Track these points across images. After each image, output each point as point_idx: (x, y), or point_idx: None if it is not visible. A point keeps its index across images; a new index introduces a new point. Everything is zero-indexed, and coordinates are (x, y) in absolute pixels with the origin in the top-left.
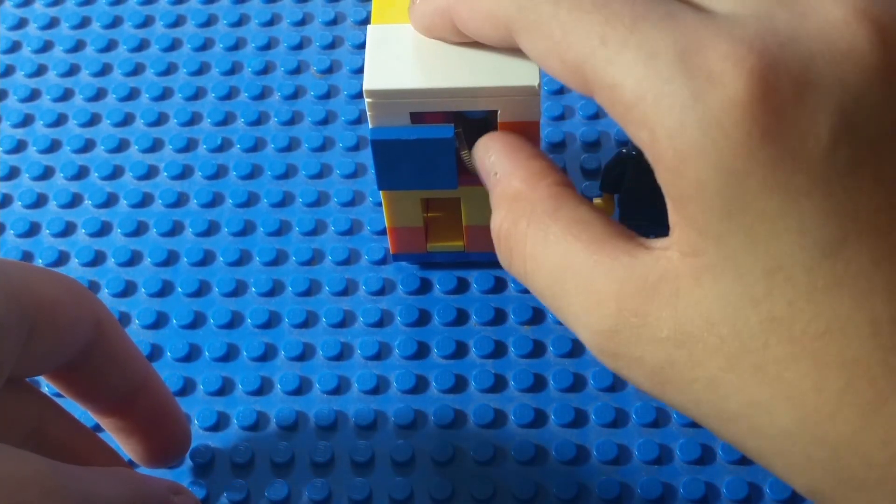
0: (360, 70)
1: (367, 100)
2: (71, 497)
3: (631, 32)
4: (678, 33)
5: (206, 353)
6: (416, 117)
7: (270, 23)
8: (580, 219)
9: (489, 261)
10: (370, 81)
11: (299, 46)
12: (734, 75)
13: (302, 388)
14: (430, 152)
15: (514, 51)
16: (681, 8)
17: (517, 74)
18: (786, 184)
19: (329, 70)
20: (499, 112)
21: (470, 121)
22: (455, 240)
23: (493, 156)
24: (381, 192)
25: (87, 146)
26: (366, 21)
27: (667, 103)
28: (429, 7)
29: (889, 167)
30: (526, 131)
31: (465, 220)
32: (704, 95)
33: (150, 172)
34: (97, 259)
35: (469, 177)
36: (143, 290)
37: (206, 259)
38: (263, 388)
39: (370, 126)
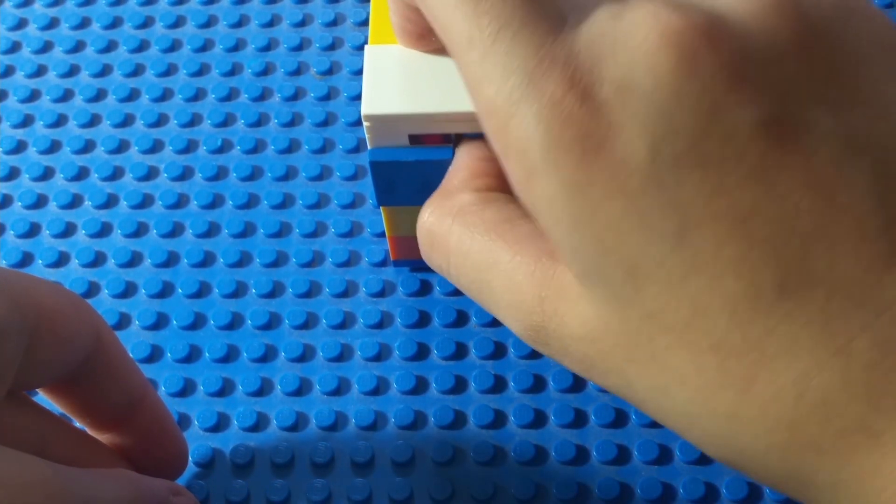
0: (360, 71)
1: (365, 123)
2: (73, 500)
3: (493, 42)
4: (530, 51)
5: (207, 355)
6: (415, 138)
7: (270, 24)
8: (507, 217)
9: None
10: (368, 105)
11: (299, 48)
12: (570, 98)
13: (302, 389)
14: (430, 172)
15: None
16: (539, 17)
17: None
18: (622, 188)
19: (329, 71)
20: None
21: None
22: None
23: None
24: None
25: (88, 147)
26: (366, 22)
27: (515, 123)
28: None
29: (714, 150)
30: None
31: None
32: (546, 116)
33: (151, 173)
34: (97, 260)
35: None
36: (143, 291)
37: (207, 260)
38: (264, 389)
39: (369, 147)
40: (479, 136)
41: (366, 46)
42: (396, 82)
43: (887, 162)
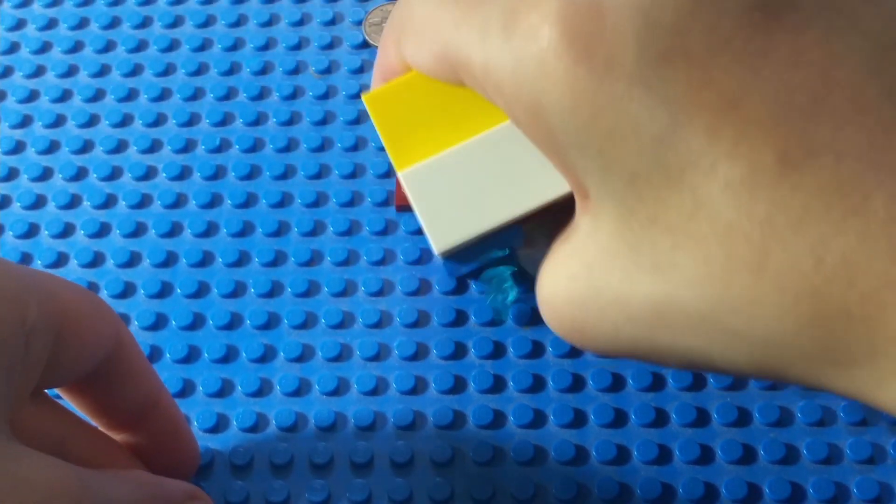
0: (358, 70)
1: (440, 258)
2: (92, 503)
3: (474, 11)
4: (502, 5)
5: (206, 355)
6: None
7: (269, 23)
8: None
9: None
10: (439, 243)
11: (298, 47)
12: (546, 28)
13: (301, 389)
14: (496, 244)
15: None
16: None
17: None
18: (611, 96)
19: (328, 70)
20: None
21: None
22: None
23: None
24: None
25: (86, 147)
26: (360, 23)
27: (504, 72)
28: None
29: (697, 42)
30: None
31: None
32: (527, 54)
33: (149, 173)
34: (96, 260)
35: None
36: (142, 291)
37: (205, 260)
38: (263, 390)
39: (440, 259)
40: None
41: (399, 174)
42: (447, 202)
43: (876, 38)
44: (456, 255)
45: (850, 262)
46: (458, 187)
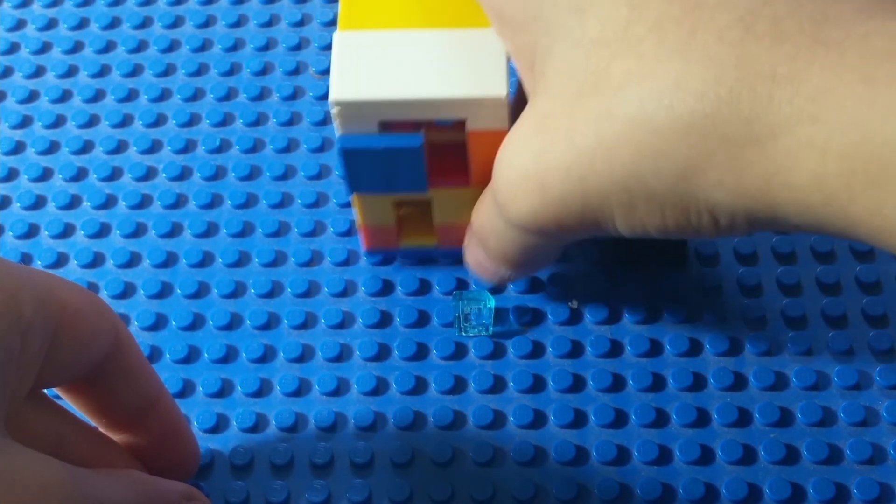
0: None
1: (333, 109)
2: (87, 502)
3: None
4: None
5: (206, 355)
6: (385, 125)
7: (269, 24)
8: None
9: (457, 255)
10: (337, 91)
11: (298, 47)
12: None
13: (301, 389)
14: (400, 160)
15: (482, 59)
16: None
17: (485, 84)
18: None
19: (328, 71)
20: (467, 121)
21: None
22: (427, 236)
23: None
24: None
25: (86, 147)
26: None
27: None
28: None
29: None
30: (494, 140)
31: (436, 219)
32: None
33: (149, 174)
34: (96, 261)
35: (439, 178)
36: (141, 291)
37: (205, 260)
38: (263, 390)
39: (337, 134)
40: (449, 124)
41: (335, 32)
42: (366, 68)
43: None
44: (358, 154)
45: (779, 25)
46: (378, 62)
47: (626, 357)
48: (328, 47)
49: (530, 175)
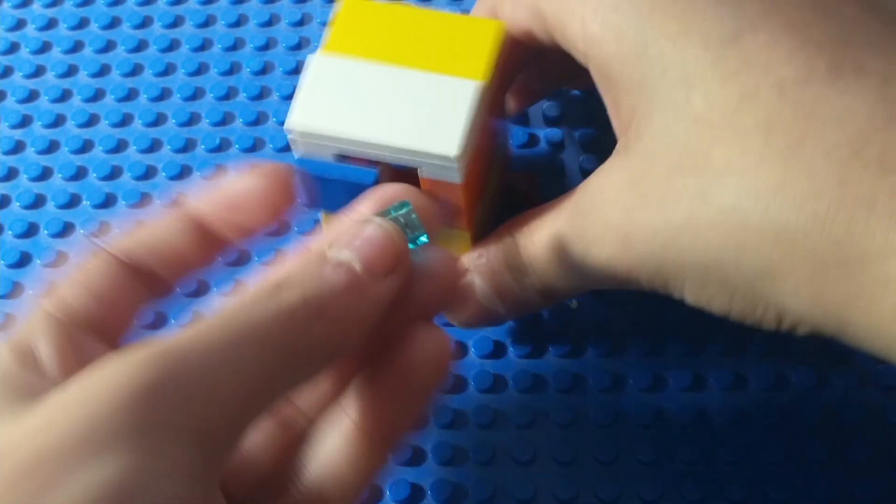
0: None
1: (288, 136)
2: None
3: None
4: None
5: None
6: (341, 156)
7: (269, 23)
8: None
9: None
10: (295, 119)
11: (297, 47)
12: None
13: None
14: (354, 191)
15: (446, 111)
16: None
17: (439, 140)
18: (684, 9)
19: None
20: (419, 170)
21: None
22: None
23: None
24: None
25: (86, 147)
26: None
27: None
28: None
29: None
30: (448, 189)
31: None
32: None
33: (149, 173)
34: None
35: None
36: None
37: None
38: None
39: (295, 156)
40: (401, 167)
41: (312, 54)
42: (331, 98)
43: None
44: (313, 179)
45: (887, 155)
46: (344, 94)
47: (627, 355)
48: None
49: (617, 226)
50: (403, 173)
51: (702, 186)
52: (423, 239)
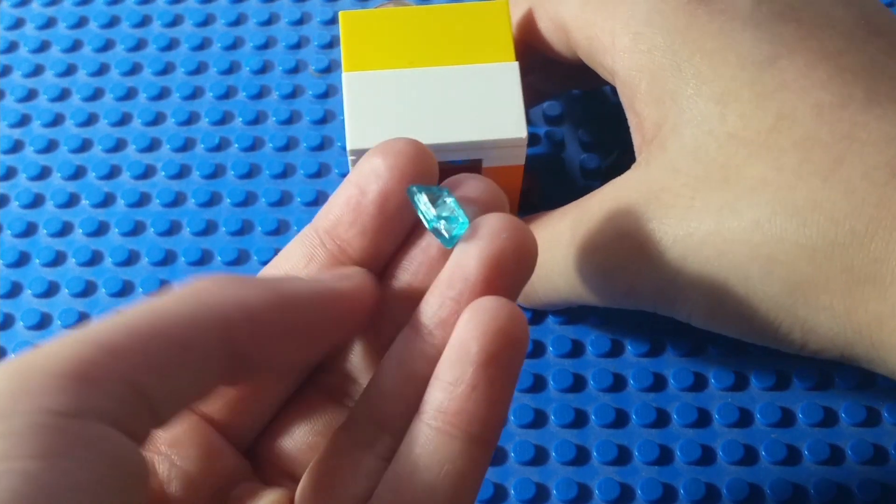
0: None
1: (350, 158)
2: None
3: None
4: None
5: None
6: None
7: (268, 22)
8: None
9: None
10: (354, 140)
11: (297, 46)
12: None
13: None
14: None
15: (498, 97)
16: None
17: (504, 125)
18: (721, 29)
19: (327, 69)
20: (483, 159)
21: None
22: None
23: None
24: None
25: (85, 146)
26: None
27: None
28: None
29: (807, 16)
30: (510, 172)
31: None
32: None
33: (148, 172)
34: (94, 259)
35: None
36: (140, 289)
37: (204, 258)
38: None
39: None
40: (462, 163)
41: (343, 74)
42: (379, 112)
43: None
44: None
45: None
46: (390, 106)
47: (627, 357)
48: (328, 46)
49: (630, 235)
50: (454, 171)
51: (730, 200)
52: (465, 225)
